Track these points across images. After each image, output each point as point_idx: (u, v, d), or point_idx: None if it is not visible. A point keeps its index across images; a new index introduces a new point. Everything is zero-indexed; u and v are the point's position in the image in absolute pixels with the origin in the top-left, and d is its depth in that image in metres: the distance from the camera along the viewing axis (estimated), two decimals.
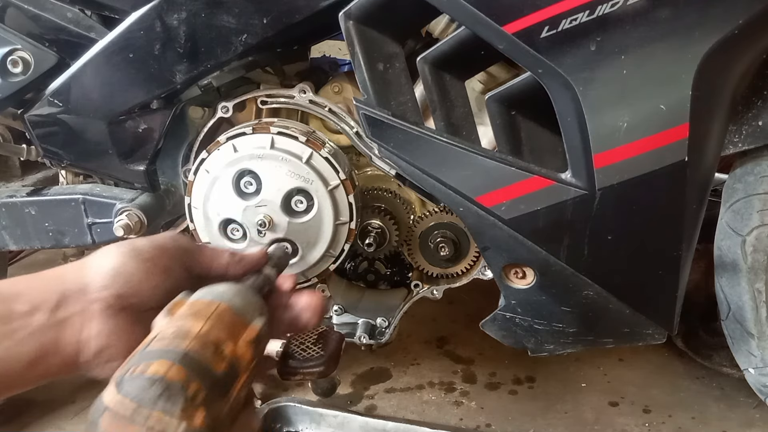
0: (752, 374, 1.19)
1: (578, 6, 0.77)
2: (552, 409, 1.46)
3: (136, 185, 1.20)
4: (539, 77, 0.82)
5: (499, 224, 0.91)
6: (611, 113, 0.82)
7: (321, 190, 1.10)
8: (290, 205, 1.11)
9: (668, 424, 1.42)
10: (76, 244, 1.25)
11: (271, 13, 1.00)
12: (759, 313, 1.13)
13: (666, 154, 0.83)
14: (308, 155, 1.09)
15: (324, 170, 1.10)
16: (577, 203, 0.87)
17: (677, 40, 0.79)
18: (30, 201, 1.23)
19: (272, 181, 1.09)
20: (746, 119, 0.99)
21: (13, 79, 1.10)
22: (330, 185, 1.09)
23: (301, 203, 1.11)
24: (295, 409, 1.22)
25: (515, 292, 1.00)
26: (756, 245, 1.09)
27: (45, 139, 1.15)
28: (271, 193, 1.10)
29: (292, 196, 1.10)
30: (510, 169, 0.88)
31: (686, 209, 0.88)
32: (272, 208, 1.10)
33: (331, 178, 1.10)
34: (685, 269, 0.93)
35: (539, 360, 1.13)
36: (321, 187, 1.10)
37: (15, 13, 1.10)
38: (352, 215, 1.12)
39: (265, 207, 1.10)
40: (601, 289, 0.93)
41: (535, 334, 1.04)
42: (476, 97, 1.06)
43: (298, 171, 1.09)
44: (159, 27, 1.02)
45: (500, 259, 0.97)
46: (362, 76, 0.92)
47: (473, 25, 0.83)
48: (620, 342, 1.03)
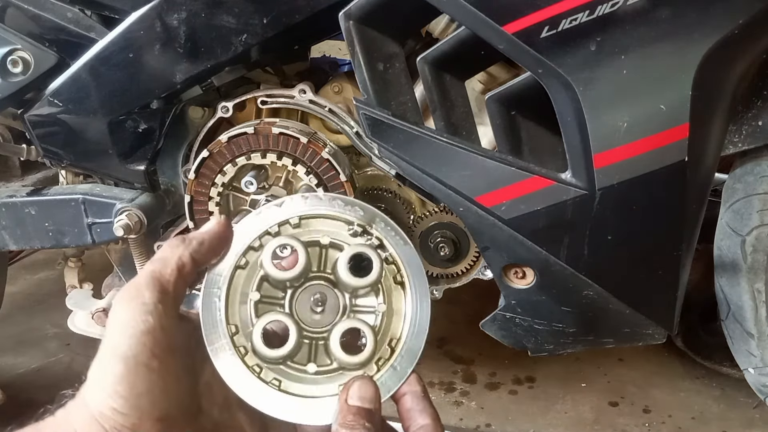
0: (752, 374, 1.19)
1: (578, 6, 0.77)
2: (552, 409, 1.47)
3: (136, 185, 1.20)
4: (539, 77, 0.82)
5: (499, 224, 0.91)
6: (611, 113, 0.82)
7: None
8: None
9: (668, 424, 1.43)
10: (76, 244, 1.25)
11: (271, 13, 1.00)
12: (759, 313, 1.13)
13: (666, 154, 0.83)
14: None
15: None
16: (577, 203, 0.87)
17: (677, 40, 0.79)
18: (30, 201, 1.23)
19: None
20: (746, 119, 0.99)
21: (13, 79, 1.10)
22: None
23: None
24: None
25: (515, 292, 1.00)
26: (756, 245, 1.09)
27: (45, 139, 1.15)
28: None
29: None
30: (510, 169, 0.88)
31: (686, 209, 0.88)
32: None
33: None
34: (685, 269, 0.93)
35: (539, 360, 1.13)
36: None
37: (15, 13, 1.10)
38: None
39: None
40: (601, 289, 0.93)
41: (535, 334, 1.04)
42: (476, 97, 1.06)
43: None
44: (159, 27, 1.02)
45: (500, 259, 0.97)
46: (362, 76, 0.92)
47: (473, 25, 0.83)
48: (620, 342, 1.03)
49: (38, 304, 2.06)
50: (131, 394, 0.44)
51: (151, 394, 0.45)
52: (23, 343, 1.82)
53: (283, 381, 0.50)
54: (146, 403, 0.45)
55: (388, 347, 0.51)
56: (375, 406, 0.49)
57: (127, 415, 0.44)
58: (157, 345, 0.46)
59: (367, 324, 0.51)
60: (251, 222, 0.53)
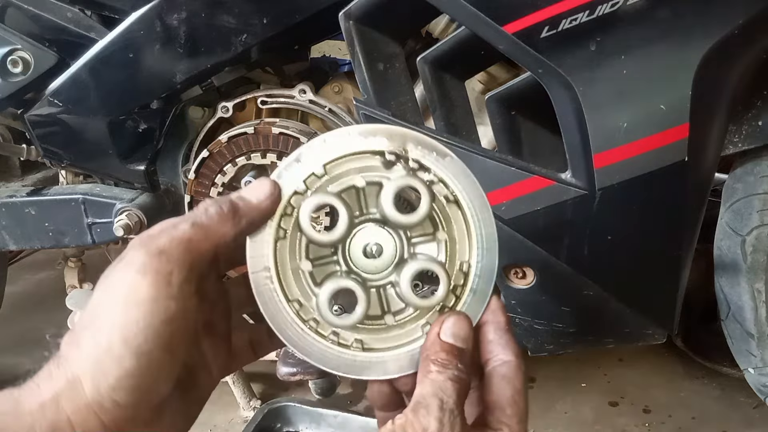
0: (752, 374, 1.19)
1: (578, 6, 0.77)
2: (552, 409, 1.46)
3: (136, 185, 1.20)
4: (539, 77, 0.82)
5: (499, 224, 0.91)
6: (611, 113, 0.82)
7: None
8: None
9: (668, 424, 1.42)
10: (76, 244, 1.25)
11: (271, 13, 1.00)
12: (759, 313, 1.13)
13: (666, 154, 0.82)
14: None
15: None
16: (577, 203, 0.87)
17: (677, 40, 0.79)
18: (30, 201, 1.23)
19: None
20: (746, 119, 0.99)
21: (13, 79, 1.10)
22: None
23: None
24: (295, 409, 1.22)
25: (515, 292, 1.00)
26: (756, 245, 1.09)
27: (45, 139, 1.15)
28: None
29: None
30: (510, 169, 0.88)
31: (686, 209, 0.88)
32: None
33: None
34: (685, 269, 0.93)
35: (539, 360, 1.12)
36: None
37: (15, 13, 1.10)
38: None
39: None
40: (601, 289, 0.93)
41: (535, 334, 1.04)
42: (476, 97, 1.06)
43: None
44: (159, 27, 1.02)
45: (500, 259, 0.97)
46: (362, 76, 0.92)
47: (473, 25, 0.83)
48: (620, 342, 1.03)
49: (38, 304, 2.06)
50: (137, 390, 0.40)
51: (156, 386, 0.41)
52: (23, 343, 1.82)
53: (364, 339, 0.47)
54: (149, 395, 0.41)
55: (461, 273, 0.48)
56: (468, 347, 0.45)
57: (127, 409, 0.40)
58: (173, 337, 0.41)
59: (435, 261, 0.47)
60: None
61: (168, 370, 0.42)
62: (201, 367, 0.50)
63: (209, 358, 0.50)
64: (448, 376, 0.42)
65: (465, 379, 0.43)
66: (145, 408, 0.41)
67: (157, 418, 0.43)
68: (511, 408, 0.44)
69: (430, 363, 0.43)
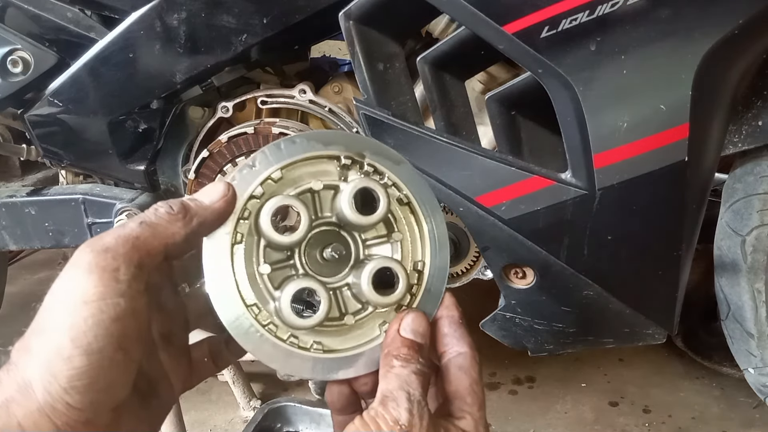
0: (752, 374, 1.19)
1: (578, 6, 0.77)
2: (552, 409, 1.47)
3: (136, 185, 1.20)
4: (539, 77, 0.82)
5: (499, 224, 0.91)
6: (611, 113, 0.82)
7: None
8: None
9: (668, 424, 1.43)
10: (76, 243, 1.25)
11: (271, 13, 1.00)
12: (759, 313, 1.13)
13: (666, 154, 0.82)
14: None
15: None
16: (577, 203, 0.87)
17: (677, 40, 0.79)
18: (30, 201, 1.23)
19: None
20: (746, 119, 0.99)
21: (13, 79, 1.10)
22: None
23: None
24: (295, 408, 1.22)
25: (515, 292, 1.00)
26: (756, 245, 1.09)
27: (45, 139, 1.15)
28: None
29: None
30: (510, 169, 0.88)
31: (686, 209, 0.88)
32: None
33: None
34: (685, 269, 0.93)
35: (539, 360, 1.13)
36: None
37: (15, 13, 1.10)
38: None
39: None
40: (601, 289, 0.93)
41: (535, 334, 1.04)
42: (476, 97, 1.06)
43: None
44: (159, 27, 1.02)
45: (500, 259, 0.97)
46: (362, 76, 0.92)
47: (473, 25, 0.83)
48: (620, 342, 1.03)
49: (38, 304, 2.05)
50: (90, 390, 0.39)
51: (111, 387, 0.40)
52: None
53: (323, 341, 0.47)
54: (104, 396, 0.40)
55: (416, 271, 0.50)
56: (426, 342, 0.47)
57: (82, 411, 0.39)
58: (125, 335, 0.40)
59: (393, 260, 0.48)
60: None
61: (123, 369, 0.41)
62: (161, 377, 0.50)
63: (168, 369, 0.50)
64: (411, 370, 0.44)
65: (427, 373, 0.45)
66: (102, 411, 0.40)
67: (115, 423, 0.42)
68: (470, 396, 0.46)
69: (393, 358, 0.45)
